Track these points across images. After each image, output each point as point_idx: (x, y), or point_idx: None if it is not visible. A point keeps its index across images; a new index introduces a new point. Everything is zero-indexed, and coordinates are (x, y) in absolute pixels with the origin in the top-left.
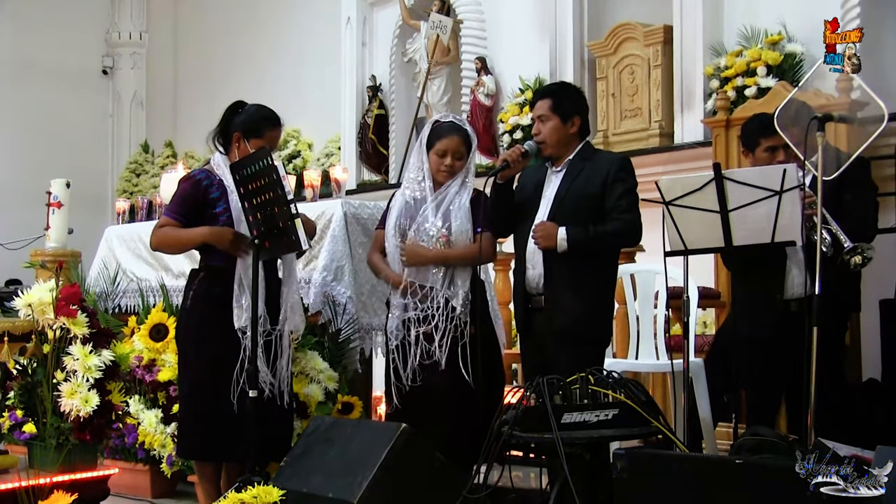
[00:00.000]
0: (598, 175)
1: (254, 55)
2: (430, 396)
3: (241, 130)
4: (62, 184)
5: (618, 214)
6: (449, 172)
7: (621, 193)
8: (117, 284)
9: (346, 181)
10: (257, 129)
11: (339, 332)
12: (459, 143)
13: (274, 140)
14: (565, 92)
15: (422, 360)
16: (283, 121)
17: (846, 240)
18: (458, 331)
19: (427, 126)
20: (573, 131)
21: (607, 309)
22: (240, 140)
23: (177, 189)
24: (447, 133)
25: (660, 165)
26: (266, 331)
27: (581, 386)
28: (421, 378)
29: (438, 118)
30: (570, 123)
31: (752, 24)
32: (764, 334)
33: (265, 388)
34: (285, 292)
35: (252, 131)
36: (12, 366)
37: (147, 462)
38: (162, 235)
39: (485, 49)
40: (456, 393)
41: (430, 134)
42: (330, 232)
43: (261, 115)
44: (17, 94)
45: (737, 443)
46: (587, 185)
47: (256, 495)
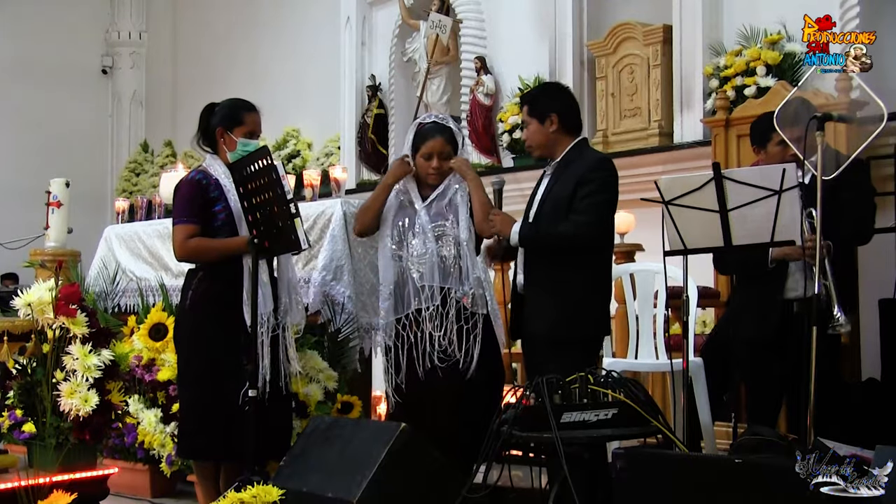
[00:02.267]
0: (574, 176)
1: (253, 55)
2: (437, 394)
3: (221, 125)
4: (62, 183)
5: (573, 216)
6: (438, 174)
7: (584, 195)
8: (117, 284)
9: (345, 181)
10: (236, 118)
11: (339, 332)
12: (443, 144)
13: (256, 123)
14: (541, 93)
15: (432, 356)
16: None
17: (838, 310)
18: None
19: (411, 130)
20: (553, 129)
21: (593, 309)
22: (223, 134)
23: (178, 194)
24: (431, 135)
25: (659, 165)
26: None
27: (581, 385)
28: (427, 376)
29: (421, 120)
30: (549, 122)
31: (751, 23)
32: (765, 335)
33: (263, 380)
34: (281, 286)
35: (232, 121)
36: (12, 365)
37: (146, 462)
38: (195, 247)
39: (484, 49)
40: (465, 390)
41: (415, 137)
42: (329, 231)
43: (235, 105)
44: (17, 93)
45: (736, 442)
46: (564, 186)
47: (256, 495)
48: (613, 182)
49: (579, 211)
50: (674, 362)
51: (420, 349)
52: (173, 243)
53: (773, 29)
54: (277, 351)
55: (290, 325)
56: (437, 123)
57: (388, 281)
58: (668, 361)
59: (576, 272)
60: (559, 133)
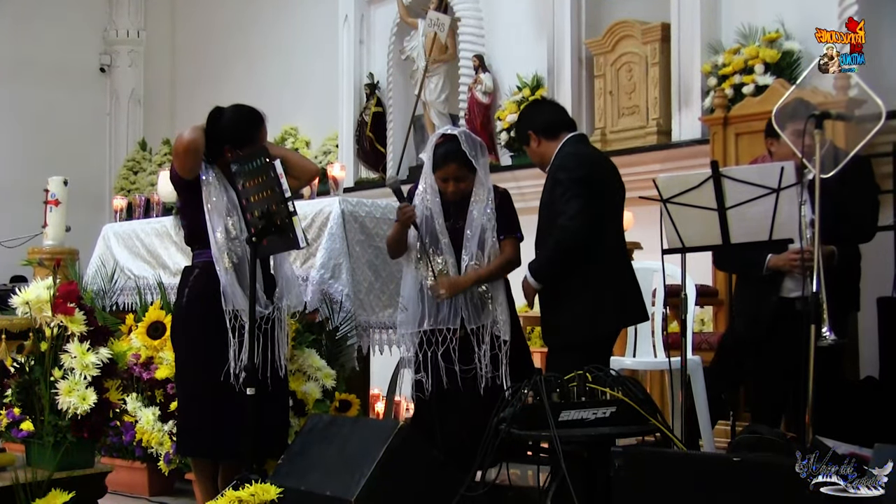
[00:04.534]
0: (550, 181)
1: (251, 52)
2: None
3: (230, 143)
4: (60, 181)
5: (558, 220)
6: (456, 192)
7: (558, 196)
8: (115, 282)
9: (343, 179)
10: (249, 137)
11: (337, 330)
12: (457, 169)
13: (265, 137)
14: (518, 122)
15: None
16: (264, 114)
17: (828, 330)
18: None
19: (430, 145)
20: (538, 144)
21: (594, 315)
22: (232, 151)
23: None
24: (444, 163)
25: (657, 163)
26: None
27: (579, 384)
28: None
29: (438, 138)
30: (533, 140)
31: (749, 21)
32: (757, 335)
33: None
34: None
35: (243, 140)
36: (10, 363)
37: (144, 460)
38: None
39: (482, 47)
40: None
41: (433, 157)
42: (328, 230)
43: (245, 121)
44: (15, 91)
45: (734, 441)
46: (548, 194)
47: (254, 493)
48: (578, 171)
49: (559, 213)
50: (672, 361)
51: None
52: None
53: (772, 27)
54: (272, 335)
55: (286, 309)
56: (448, 152)
57: (407, 295)
58: (667, 360)
59: (567, 278)
60: (545, 144)
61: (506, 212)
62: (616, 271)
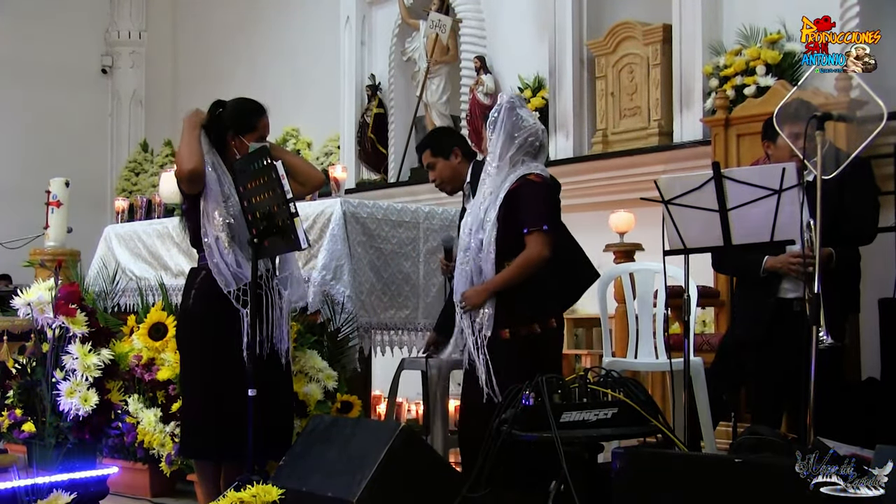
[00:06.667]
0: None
1: (253, 54)
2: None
3: (232, 130)
4: (61, 183)
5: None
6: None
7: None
8: (116, 283)
9: (345, 180)
10: (249, 124)
11: (339, 331)
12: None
13: (266, 127)
14: (438, 135)
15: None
16: (267, 106)
17: (825, 334)
18: None
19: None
20: (458, 161)
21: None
22: (235, 138)
23: None
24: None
25: (659, 164)
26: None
27: (580, 385)
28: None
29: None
30: (454, 155)
31: (751, 22)
32: (756, 336)
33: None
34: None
35: (244, 127)
36: (11, 364)
37: (146, 461)
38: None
39: (484, 48)
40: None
41: None
42: (329, 231)
43: (246, 109)
44: (17, 93)
45: (736, 442)
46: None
47: (255, 494)
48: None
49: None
50: (673, 362)
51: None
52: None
53: (773, 28)
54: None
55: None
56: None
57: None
58: (668, 361)
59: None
60: (463, 163)
61: (526, 201)
62: None
